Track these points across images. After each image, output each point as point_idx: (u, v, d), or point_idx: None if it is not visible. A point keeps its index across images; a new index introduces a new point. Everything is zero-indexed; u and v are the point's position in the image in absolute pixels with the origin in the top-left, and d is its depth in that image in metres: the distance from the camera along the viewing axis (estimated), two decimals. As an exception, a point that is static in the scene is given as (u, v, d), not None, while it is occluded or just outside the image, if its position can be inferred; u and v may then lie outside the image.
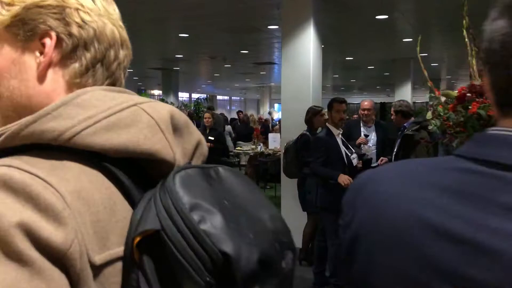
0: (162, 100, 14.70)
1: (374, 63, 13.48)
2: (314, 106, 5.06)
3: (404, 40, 9.26)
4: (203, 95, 24.90)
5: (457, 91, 2.47)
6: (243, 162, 10.27)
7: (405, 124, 4.59)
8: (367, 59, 12.57)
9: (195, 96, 25.95)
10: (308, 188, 4.72)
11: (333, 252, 4.05)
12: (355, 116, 10.04)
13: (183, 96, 25.92)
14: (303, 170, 4.74)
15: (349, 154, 4.13)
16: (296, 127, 5.55)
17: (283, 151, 4.98)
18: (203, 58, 12.45)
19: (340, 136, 4.17)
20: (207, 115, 7.14)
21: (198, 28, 8.21)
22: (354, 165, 4.13)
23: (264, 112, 21.07)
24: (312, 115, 4.82)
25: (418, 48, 2.78)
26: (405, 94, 12.63)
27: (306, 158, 4.49)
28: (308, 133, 4.81)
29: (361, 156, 4.43)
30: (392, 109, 4.84)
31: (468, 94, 2.29)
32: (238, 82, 20.89)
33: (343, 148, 4.09)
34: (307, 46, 5.58)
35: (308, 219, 5.13)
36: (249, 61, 12.54)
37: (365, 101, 5.47)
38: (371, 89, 23.63)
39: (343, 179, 3.79)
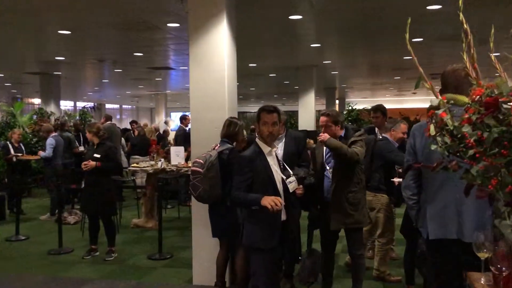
0: (41, 109, 12.75)
1: (276, 70, 13.01)
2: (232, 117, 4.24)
3: (312, 45, 8.78)
4: (90, 104, 22.76)
5: (469, 96, 1.75)
6: (139, 181, 8.99)
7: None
8: (270, 66, 12.03)
9: (80, 104, 23.65)
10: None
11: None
12: None
13: (67, 104, 23.48)
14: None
15: (285, 178, 3.27)
16: (210, 140, 4.62)
17: (204, 169, 3.93)
18: (90, 61, 10.91)
19: (274, 154, 3.29)
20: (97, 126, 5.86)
21: (81, 24, 6.88)
22: (291, 191, 3.28)
23: (159, 121, 19.68)
24: (240, 127, 4.01)
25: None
26: (309, 102, 12.33)
27: None
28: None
29: (301, 180, 3.60)
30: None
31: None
32: (130, 89, 19.27)
33: (276, 170, 3.22)
34: (220, 45, 4.65)
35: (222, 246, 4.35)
36: (143, 65, 11.28)
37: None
38: (268, 97, 23.44)
39: (268, 200, 2.92)
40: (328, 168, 3.87)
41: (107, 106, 29.62)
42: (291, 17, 6.44)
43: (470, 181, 1.72)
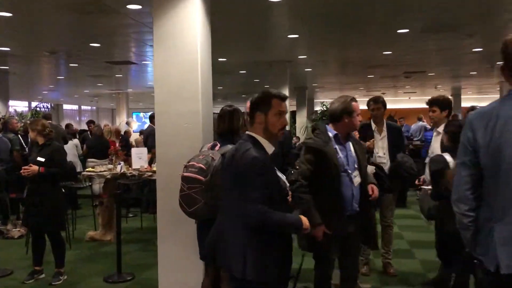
0: (-15, 108, 11.46)
1: (247, 66, 12.18)
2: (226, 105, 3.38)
3: (289, 36, 8.01)
4: (47, 104, 21.28)
5: None
6: (96, 187, 7.97)
7: None
8: (241, 61, 11.19)
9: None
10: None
11: None
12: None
13: (19, 105, 21.86)
14: None
15: (287, 185, 2.47)
16: (179, 138, 3.77)
17: (208, 177, 2.99)
18: (40, 54, 9.75)
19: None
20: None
21: (23, 3, 5.84)
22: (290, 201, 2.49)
23: (120, 122, 18.48)
24: (230, 118, 3.19)
25: None
26: (282, 100, 11.55)
27: None
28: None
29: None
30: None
31: None
32: (89, 87, 17.96)
33: (280, 177, 2.43)
34: (191, 19, 3.80)
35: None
36: (101, 58, 10.21)
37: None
38: (236, 97, 22.58)
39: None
40: (350, 172, 3.09)
41: (65, 106, 27.95)
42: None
43: None
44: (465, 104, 22.80)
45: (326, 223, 2.94)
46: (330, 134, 3.12)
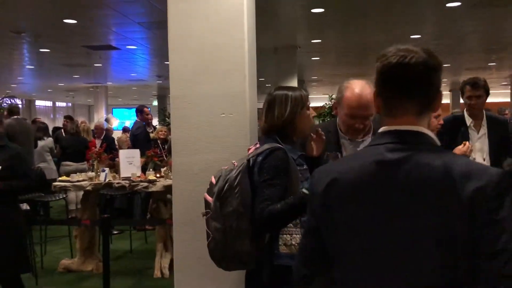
0: None
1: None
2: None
3: (313, 10, 6.52)
4: (15, 99, 19.31)
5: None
6: (72, 196, 6.43)
7: None
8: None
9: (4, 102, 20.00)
10: None
11: None
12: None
13: (-14, 99, 19.82)
14: None
15: None
16: (216, 136, 2.29)
17: (214, 197, 1.65)
18: (2, 34, 8.04)
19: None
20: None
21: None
22: None
23: (99, 119, 16.72)
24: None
25: None
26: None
27: None
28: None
29: None
30: None
31: None
32: (64, 80, 16.11)
33: None
34: None
35: None
36: (78, 42, 8.57)
37: None
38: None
39: None
40: None
41: (38, 103, 25.90)
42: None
43: None
44: (447, 100, 20.90)
45: None
46: None
